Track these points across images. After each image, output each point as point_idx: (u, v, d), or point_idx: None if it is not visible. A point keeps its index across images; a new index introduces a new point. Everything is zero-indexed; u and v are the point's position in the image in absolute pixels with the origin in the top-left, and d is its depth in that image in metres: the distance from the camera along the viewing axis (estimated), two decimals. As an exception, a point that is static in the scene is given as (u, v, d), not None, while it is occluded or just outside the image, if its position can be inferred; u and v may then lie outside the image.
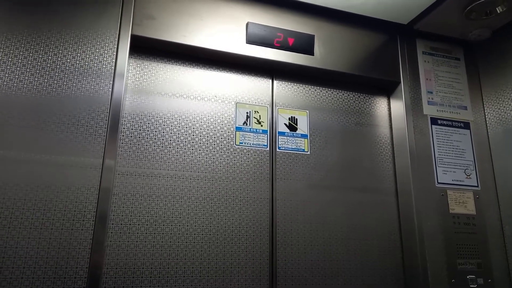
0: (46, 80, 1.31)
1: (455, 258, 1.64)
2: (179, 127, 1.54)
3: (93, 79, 1.36)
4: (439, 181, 1.73)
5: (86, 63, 1.37)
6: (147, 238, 1.39)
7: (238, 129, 1.63)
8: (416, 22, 1.83)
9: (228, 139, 1.60)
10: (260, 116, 1.68)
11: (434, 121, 1.82)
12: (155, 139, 1.50)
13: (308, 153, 1.69)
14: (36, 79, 1.30)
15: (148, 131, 1.50)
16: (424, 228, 1.64)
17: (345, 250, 1.63)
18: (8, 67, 1.28)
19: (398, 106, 1.84)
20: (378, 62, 1.83)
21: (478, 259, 1.67)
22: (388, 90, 1.91)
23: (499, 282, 1.68)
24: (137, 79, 1.54)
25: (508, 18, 1.77)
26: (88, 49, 1.39)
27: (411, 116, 1.78)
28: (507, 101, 1.81)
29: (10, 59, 1.29)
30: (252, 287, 1.46)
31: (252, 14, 1.68)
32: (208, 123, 1.59)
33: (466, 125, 1.87)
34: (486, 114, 1.91)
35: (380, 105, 1.90)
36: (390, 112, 1.89)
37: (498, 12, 1.70)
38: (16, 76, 1.28)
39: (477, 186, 1.78)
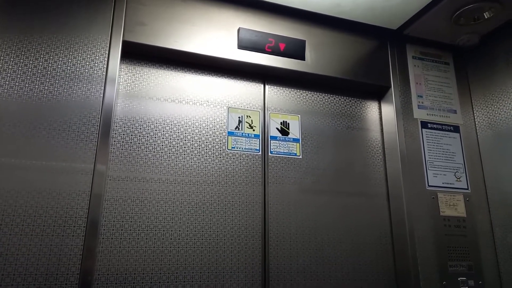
0: (37, 86, 1.31)
1: (446, 260, 1.65)
2: (171, 131, 1.54)
3: (85, 85, 1.36)
4: (429, 184, 1.74)
5: (77, 69, 1.37)
6: (139, 243, 1.39)
7: (230, 133, 1.63)
8: (406, 27, 1.86)
9: (220, 143, 1.60)
10: (252, 120, 1.69)
11: (424, 124, 1.84)
12: (147, 144, 1.50)
13: (300, 157, 1.70)
14: (27, 84, 1.30)
15: (140, 136, 1.50)
16: (416, 231, 1.66)
17: (338, 253, 1.63)
18: (-1, 73, 1.28)
19: (388, 110, 1.86)
20: (368, 67, 1.85)
21: (469, 261, 1.69)
22: (379, 94, 1.93)
23: (490, 283, 1.69)
24: (128, 84, 1.54)
25: (495, 24, 1.80)
26: (80, 54, 1.39)
27: (402, 120, 1.80)
28: (496, 105, 1.83)
29: (0, 65, 1.29)
30: (244, 291, 1.47)
31: (244, 19, 1.70)
32: (200, 128, 1.59)
33: (456, 129, 1.89)
34: (475, 117, 1.94)
35: (371, 109, 1.92)
36: (381, 116, 1.91)
37: (486, 17, 1.73)
38: (7, 82, 1.28)
39: (467, 189, 1.80)
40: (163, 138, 1.52)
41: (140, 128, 1.51)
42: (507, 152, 1.75)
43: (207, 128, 1.60)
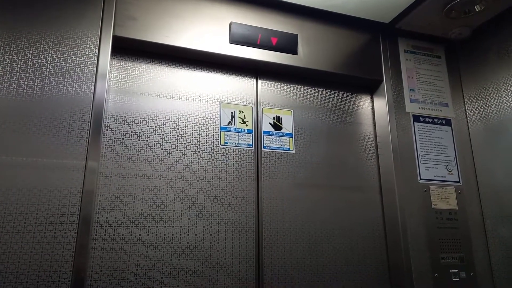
0: (26, 82, 1.29)
1: (438, 252, 1.67)
2: (163, 127, 1.54)
3: (75, 81, 1.35)
4: (421, 177, 1.76)
5: (67, 64, 1.36)
6: (132, 240, 1.38)
7: (223, 129, 1.63)
8: (398, 21, 1.85)
9: (213, 139, 1.60)
10: (245, 115, 1.68)
11: (416, 118, 1.85)
12: (139, 140, 1.49)
13: (293, 152, 1.70)
14: (16, 81, 1.28)
15: (132, 132, 1.49)
16: (408, 224, 1.67)
17: (331, 247, 1.64)
18: (-13, 69, 1.26)
19: (381, 104, 1.86)
20: (361, 61, 1.85)
21: (461, 253, 1.71)
22: (371, 88, 1.94)
23: (481, 275, 1.71)
24: (120, 80, 1.53)
25: (487, 17, 1.81)
26: (69, 50, 1.37)
27: (394, 114, 1.81)
28: (487, 98, 1.85)
29: (-12, 61, 1.27)
30: (239, 285, 1.47)
31: (235, 14, 1.69)
32: (192, 123, 1.59)
33: (447, 122, 1.90)
34: (467, 110, 1.95)
35: (364, 103, 1.92)
36: (373, 110, 1.91)
37: (477, 10, 1.74)
38: (-5, 78, 1.26)
39: (459, 182, 1.82)
40: (155, 134, 1.52)
41: (132, 124, 1.50)
42: (498, 145, 1.76)
43: (199, 124, 1.59)
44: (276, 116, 1.73)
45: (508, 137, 1.72)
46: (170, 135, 1.54)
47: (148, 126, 1.52)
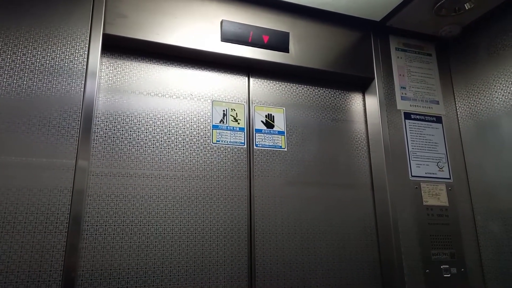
0: (15, 81, 1.28)
1: (429, 249, 1.68)
2: (154, 126, 1.53)
3: (64, 79, 1.34)
4: (413, 174, 1.77)
5: (57, 63, 1.35)
6: (123, 239, 1.38)
7: (215, 127, 1.63)
8: (389, 19, 1.86)
9: (205, 137, 1.60)
10: (236, 114, 1.68)
11: (407, 115, 1.86)
12: (130, 138, 1.48)
13: (285, 149, 1.71)
14: (4, 79, 1.27)
15: (122, 130, 1.48)
16: (399, 221, 1.68)
17: (323, 245, 1.65)
18: (-26, 67, 1.25)
19: (372, 102, 1.87)
20: (352, 58, 1.86)
21: (452, 249, 1.72)
22: (362, 86, 1.94)
23: (472, 270, 1.73)
24: (110, 78, 1.52)
25: (476, 15, 1.82)
26: (59, 48, 1.36)
27: (385, 111, 1.82)
28: (477, 95, 1.86)
29: (-24, 60, 1.25)
30: (231, 284, 1.47)
31: (227, 11, 1.68)
32: (184, 121, 1.58)
33: (438, 119, 1.91)
34: (457, 108, 1.97)
35: (355, 101, 1.93)
36: (365, 107, 1.92)
37: (467, 8, 1.75)
38: (-17, 77, 1.25)
39: (450, 178, 1.83)
40: (146, 132, 1.51)
41: (123, 123, 1.49)
42: (488, 142, 1.78)
43: (191, 122, 1.59)
44: (268, 114, 1.73)
45: (498, 133, 1.74)
46: (162, 134, 1.53)
47: (139, 124, 1.51)
